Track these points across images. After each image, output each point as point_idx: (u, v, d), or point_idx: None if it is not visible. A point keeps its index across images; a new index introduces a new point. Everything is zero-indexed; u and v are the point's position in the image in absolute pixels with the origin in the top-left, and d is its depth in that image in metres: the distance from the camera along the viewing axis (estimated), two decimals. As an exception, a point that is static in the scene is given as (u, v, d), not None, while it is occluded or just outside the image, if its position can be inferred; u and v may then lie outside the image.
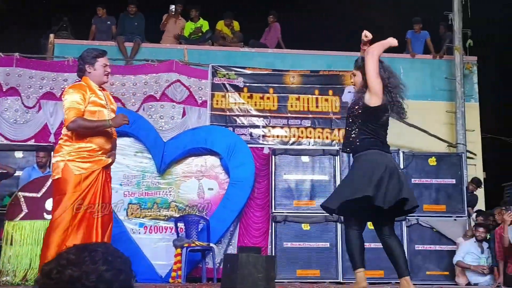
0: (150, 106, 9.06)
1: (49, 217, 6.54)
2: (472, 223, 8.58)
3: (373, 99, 4.29)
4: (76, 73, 8.86)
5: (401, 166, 8.40)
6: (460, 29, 10.45)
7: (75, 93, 4.45)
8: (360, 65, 4.49)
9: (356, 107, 4.39)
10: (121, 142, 8.23)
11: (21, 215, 6.80)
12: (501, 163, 13.24)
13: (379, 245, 7.95)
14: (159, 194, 8.44)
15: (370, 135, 4.33)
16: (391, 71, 4.49)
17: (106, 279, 1.65)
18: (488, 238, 7.83)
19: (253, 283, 2.81)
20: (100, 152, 4.48)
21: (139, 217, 8.32)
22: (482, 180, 10.01)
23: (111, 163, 4.64)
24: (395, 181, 4.18)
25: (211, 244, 7.72)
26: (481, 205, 9.73)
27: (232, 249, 8.38)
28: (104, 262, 1.67)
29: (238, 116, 9.25)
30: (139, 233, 8.24)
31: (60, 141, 4.56)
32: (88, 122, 4.39)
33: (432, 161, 8.52)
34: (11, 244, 6.72)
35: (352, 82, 4.60)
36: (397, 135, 9.69)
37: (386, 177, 4.16)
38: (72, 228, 4.30)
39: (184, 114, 9.12)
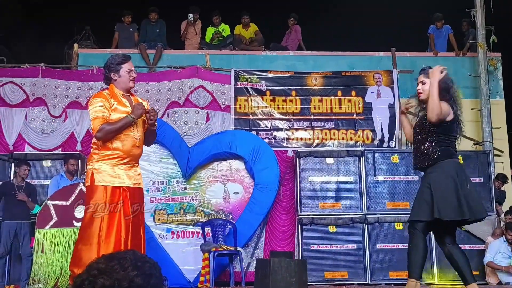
0: (174, 112, 9.13)
1: (78, 224, 6.66)
2: (502, 223, 8.47)
3: (444, 115, 4.35)
4: (100, 81, 9.06)
5: (427, 166, 8.33)
6: (483, 26, 10.33)
7: (98, 102, 4.47)
8: (429, 74, 4.48)
9: (426, 122, 4.42)
10: (146, 148, 8.30)
11: (51, 223, 6.92)
12: (529, 159, 13.03)
13: (407, 245, 7.98)
14: (185, 199, 8.50)
15: (447, 145, 4.41)
16: (454, 84, 4.54)
17: (138, 284, 1.67)
18: (518, 236, 7.71)
19: (286, 287, 2.82)
20: (127, 159, 4.49)
21: (166, 223, 8.39)
22: (510, 178, 9.87)
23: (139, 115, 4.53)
24: (468, 191, 4.32)
25: (238, 248, 7.74)
26: (510, 202, 9.59)
27: (259, 253, 8.40)
28: (134, 268, 1.69)
29: (261, 119, 9.27)
30: (167, 238, 8.30)
31: (91, 150, 4.63)
32: (113, 125, 4.40)
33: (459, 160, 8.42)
34: (42, 252, 6.84)
35: (418, 90, 4.55)
36: (422, 134, 9.63)
37: (463, 188, 4.29)
38: (99, 236, 4.31)
39: (207, 119, 9.17)
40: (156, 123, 4.67)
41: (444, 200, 4.18)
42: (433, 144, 4.38)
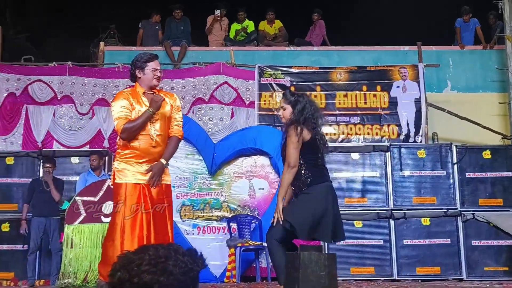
0: (199, 109, 9.17)
1: (106, 220, 6.76)
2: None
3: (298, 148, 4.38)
4: (126, 79, 9.16)
5: (454, 160, 8.26)
6: (511, 18, 10.15)
7: (118, 102, 4.51)
8: (291, 100, 4.48)
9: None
10: (172, 145, 8.38)
11: (80, 219, 7.03)
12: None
13: (435, 241, 7.93)
14: (211, 195, 8.54)
15: (317, 167, 4.41)
16: (312, 103, 4.56)
17: (145, 281, 1.70)
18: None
19: (316, 281, 2.82)
20: (146, 159, 4.49)
21: (192, 218, 8.44)
22: (540, 172, 9.70)
23: (156, 177, 4.50)
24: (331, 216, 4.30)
25: (264, 244, 7.75)
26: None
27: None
28: (149, 265, 1.72)
29: (286, 115, 9.24)
30: (193, 234, 8.34)
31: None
32: (133, 122, 4.44)
33: (486, 154, 8.32)
34: (71, 247, 6.95)
35: (280, 116, 4.60)
36: (449, 129, 9.55)
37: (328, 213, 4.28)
38: (122, 234, 4.36)
39: (232, 115, 9.20)
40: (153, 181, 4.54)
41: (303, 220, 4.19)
42: (304, 167, 4.36)
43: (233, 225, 8.05)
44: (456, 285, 6.18)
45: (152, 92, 4.63)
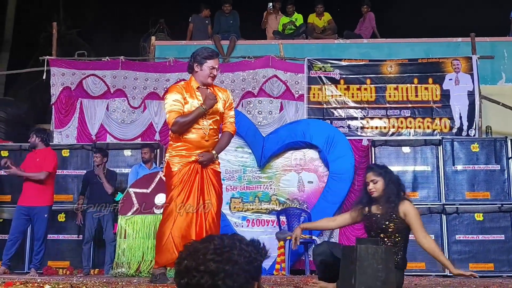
0: (249, 102, 9.23)
1: (158, 211, 6.89)
2: None
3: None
4: (177, 73, 9.28)
5: (509, 155, 8.06)
6: None
7: (172, 95, 4.58)
8: (381, 172, 4.12)
9: (390, 223, 4.00)
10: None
11: (133, 210, 7.19)
12: None
13: (488, 237, 7.77)
14: (260, 188, 8.60)
15: (407, 248, 4.09)
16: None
17: (211, 269, 1.73)
18: None
19: (373, 274, 2.81)
20: (196, 152, 4.56)
21: (241, 211, 8.53)
22: None
23: (205, 162, 4.56)
24: None
25: (313, 237, 7.77)
26: None
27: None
28: (215, 254, 1.76)
29: (335, 108, 9.20)
30: (242, 226, 8.44)
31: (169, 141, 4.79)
32: (186, 117, 4.50)
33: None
34: (124, 237, 7.12)
35: (370, 190, 4.11)
36: (504, 122, 9.31)
37: None
38: (174, 220, 4.44)
39: (281, 108, 9.21)
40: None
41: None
42: (400, 247, 3.99)
43: (282, 218, 8.09)
44: (511, 282, 6.02)
45: (206, 88, 4.69)
